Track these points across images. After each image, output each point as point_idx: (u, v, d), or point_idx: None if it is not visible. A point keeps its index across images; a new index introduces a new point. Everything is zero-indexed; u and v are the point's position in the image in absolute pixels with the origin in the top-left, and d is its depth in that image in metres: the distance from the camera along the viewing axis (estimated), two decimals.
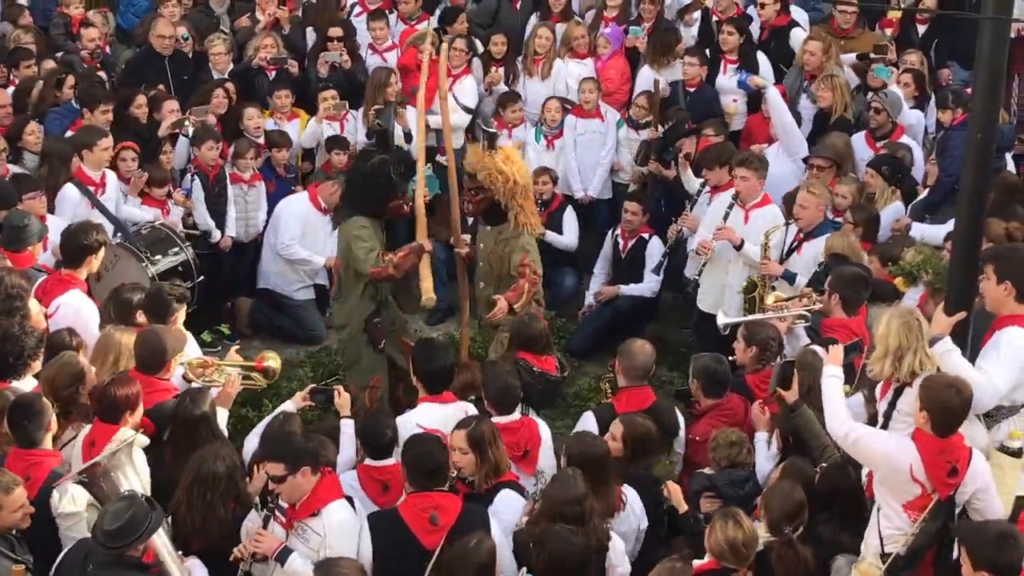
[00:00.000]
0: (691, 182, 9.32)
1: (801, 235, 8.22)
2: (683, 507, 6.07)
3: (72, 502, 5.58)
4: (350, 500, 5.91)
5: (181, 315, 7.06)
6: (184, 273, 8.56)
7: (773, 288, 7.92)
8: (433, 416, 6.53)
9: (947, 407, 5.29)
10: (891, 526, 5.44)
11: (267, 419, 6.55)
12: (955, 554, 5.34)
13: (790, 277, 8.02)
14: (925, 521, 5.34)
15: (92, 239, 7.18)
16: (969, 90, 8.85)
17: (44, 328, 6.67)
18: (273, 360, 7.00)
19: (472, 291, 8.19)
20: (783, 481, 5.74)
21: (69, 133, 8.97)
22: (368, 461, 6.29)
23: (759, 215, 8.42)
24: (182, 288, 7.25)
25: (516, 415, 6.57)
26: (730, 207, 8.43)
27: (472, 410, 6.68)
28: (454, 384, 7.03)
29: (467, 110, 10.13)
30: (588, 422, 6.70)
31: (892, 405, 5.75)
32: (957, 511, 5.46)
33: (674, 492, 6.14)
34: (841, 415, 5.61)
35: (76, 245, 7.18)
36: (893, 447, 5.44)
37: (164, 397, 6.35)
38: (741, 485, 6.14)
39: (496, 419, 6.45)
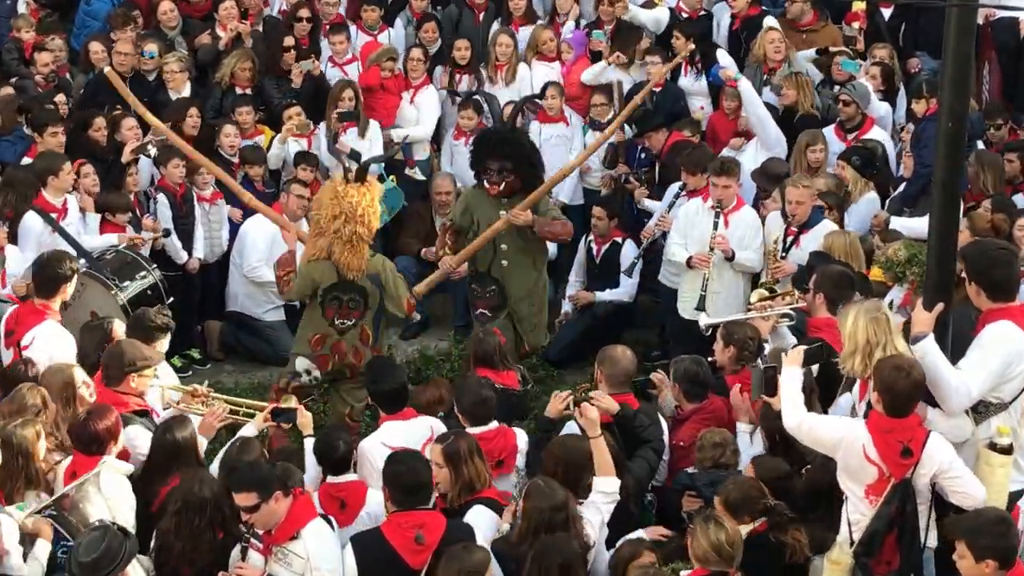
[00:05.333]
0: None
1: (794, 229, 8.23)
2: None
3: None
4: (326, 518, 5.85)
5: (163, 343, 6.99)
6: (153, 296, 8.41)
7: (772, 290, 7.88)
8: (397, 434, 6.46)
9: (895, 389, 5.31)
10: (856, 512, 5.48)
11: (229, 444, 6.47)
12: (923, 539, 5.41)
13: (794, 279, 7.82)
14: (879, 505, 5.36)
15: (66, 268, 7.06)
16: None
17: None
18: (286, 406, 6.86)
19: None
20: (736, 478, 5.82)
21: (26, 159, 8.80)
22: (329, 479, 6.24)
23: (738, 219, 8.43)
24: (166, 317, 7.15)
25: (492, 425, 6.51)
26: (717, 216, 8.38)
27: (439, 424, 6.61)
28: (421, 400, 7.00)
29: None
30: (572, 431, 6.56)
31: (870, 404, 5.70)
32: (924, 501, 5.43)
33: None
34: (794, 409, 5.63)
35: (49, 274, 7.05)
36: (843, 429, 5.51)
37: None
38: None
39: (471, 430, 6.41)
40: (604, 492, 5.89)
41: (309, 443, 6.48)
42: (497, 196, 8.38)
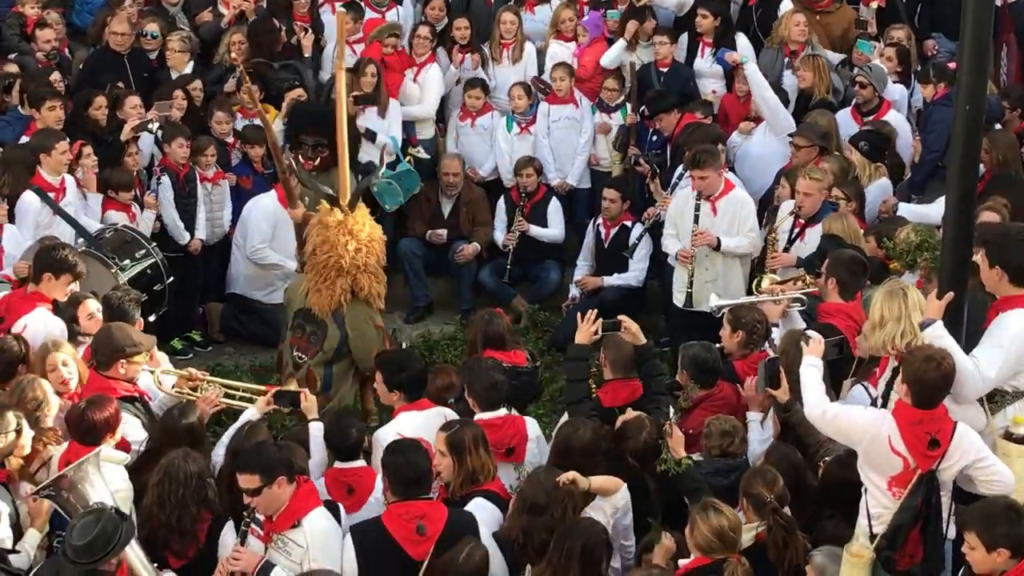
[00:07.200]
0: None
1: (802, 221, 8.13)
2: (681, 454, 5.92)
3: None
4: (332, 505, 5.79)
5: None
6: (153, 276, 8.31)
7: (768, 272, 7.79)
8: (414, 424, 6.35)
9: (924, 379, 5.23)
10: (878, 505, 5.39)
11: (231, 429, 6.41)
12: (944, 530, 5.34)
13: (806, 264, 7.80)
14: (905, 497, 5.28)
15: (59, 261, 6.96)
16: (952, 64, 8.75)
17: None
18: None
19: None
20: (758, 465, 5.74)
21: (24, 139, 8.67)
22: (336, 464, 6.18)
23: (726, 203, 8.32)
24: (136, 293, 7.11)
25: (501, 411, 6.42)
26: (697, 208, 8.29)
27: (452, 415, 6.50)
28: (432, 387, 6.88)
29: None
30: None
31: (889, 385, 5.72)
32: (948, 494, 5.35)
33: (675, 438, 5.95)
34: (816, 397, 5.57)
35: (43, 261, 6.97)
36: (870, 418, 5.42)
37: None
38: (726, 475, 5.97)
39: (480, 416, 6.33)
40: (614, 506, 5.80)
41: (314, 427, 6.41)
42: (310, 171, 8.13)
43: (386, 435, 6.26)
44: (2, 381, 6.30)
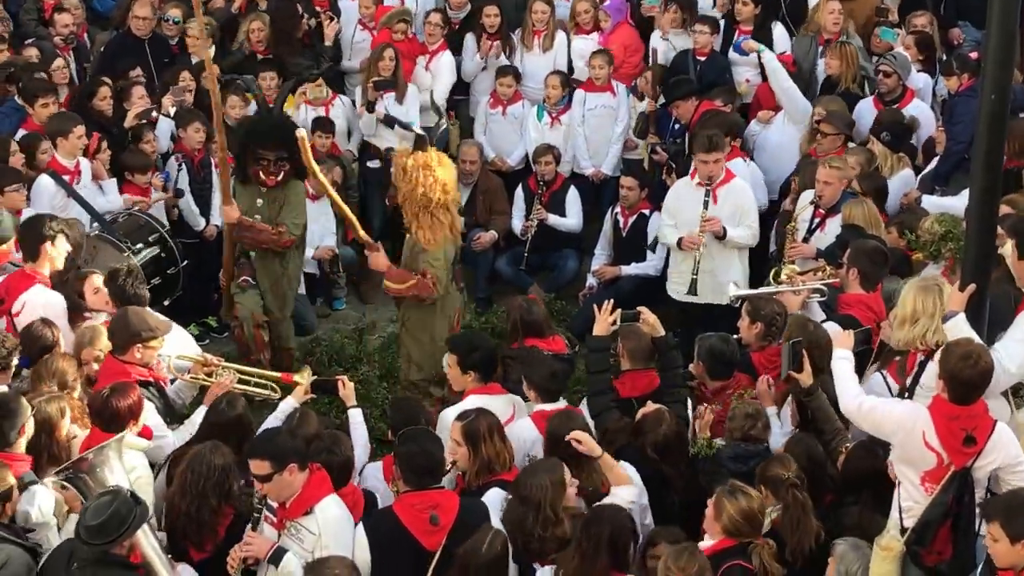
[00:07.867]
0: None
1: (822, 211, 8.05)
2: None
3: (40, 512, 5.39)
4: (371, 495, 5.83)
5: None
6: (167, 260, 8.30)
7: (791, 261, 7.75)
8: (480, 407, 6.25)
9: (959, 377, 5.17)
10: (909, 499, 5.34)
11: (270, 419, 6.41)
12: (977, 528, 5.26)
13: (827, 254, 7.73)
14: (936, 493, 5.23)
15: (47, 228, 6.93)
16: (974, 55, 8.64)
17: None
18: (301, 378, 6.82)
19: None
20: (776, 454, 5.74)
21: (22, 131, 8.60)
22: None
23: (727, 192, 8.26)
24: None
25: (560, 403, 6.40)
26: (707, 195, 8.22)
27: (520, 402, 6.49)
28: None
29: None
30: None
31: (916, 379, 5.68)
32: (981, 492, 5.29)
33: (706, 420, 5.95)
34: (851, 391, 5.54)
35: (32, 236, 6.96)
36: (905, 412, 5.37)
37: (108, 381, 6.11)
38: (745, 461, 5.94)
39: (540, 407, 6.30)
40: (624, 500, 5.74)
41: (354, 414, 6.46)
42: (274, 187, 7.97)
43: (453, 416, 6.21)
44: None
